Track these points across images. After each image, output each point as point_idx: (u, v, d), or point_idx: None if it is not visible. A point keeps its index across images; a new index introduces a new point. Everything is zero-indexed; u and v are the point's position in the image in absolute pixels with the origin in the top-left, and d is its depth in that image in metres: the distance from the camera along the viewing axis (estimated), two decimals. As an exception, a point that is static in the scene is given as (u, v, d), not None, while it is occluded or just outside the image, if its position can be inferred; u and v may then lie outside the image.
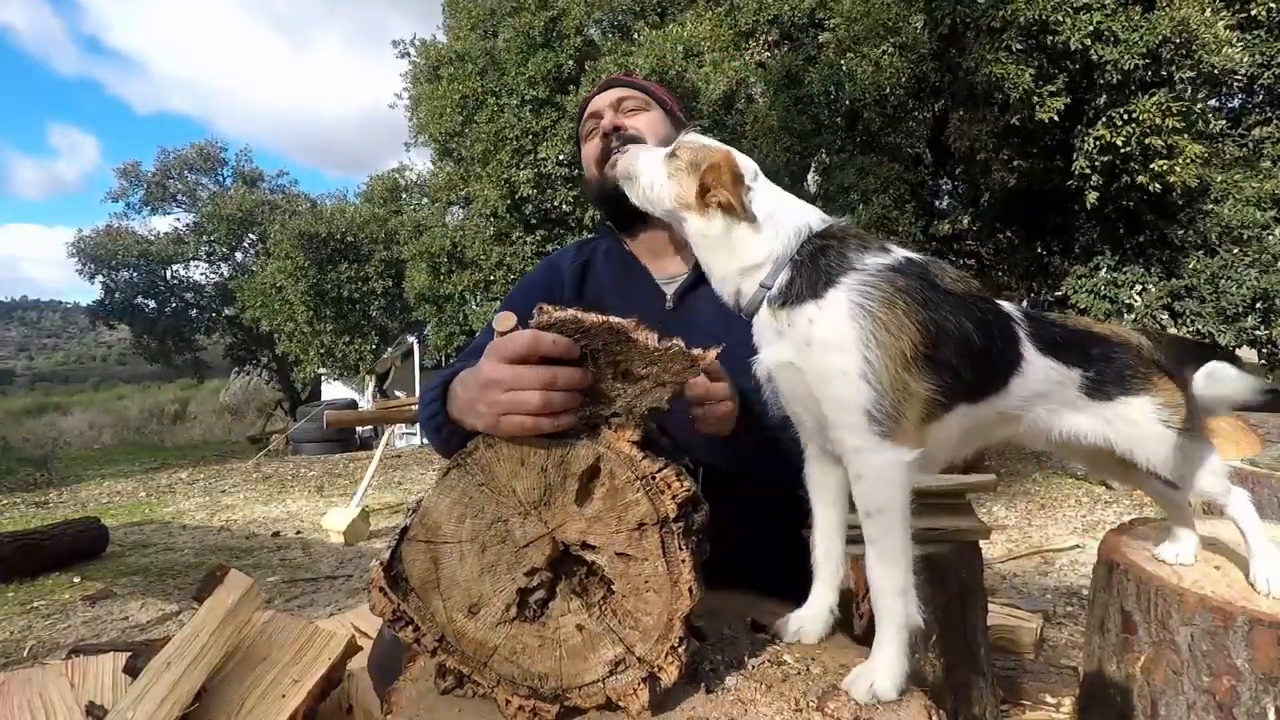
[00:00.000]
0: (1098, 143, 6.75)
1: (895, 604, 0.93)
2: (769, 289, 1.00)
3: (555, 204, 9.63)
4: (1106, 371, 1.10)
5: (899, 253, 1.00)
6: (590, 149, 1.54)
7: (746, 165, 1.07)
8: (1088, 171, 6.93)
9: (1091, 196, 7.02)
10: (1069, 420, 1.10)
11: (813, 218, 1.04)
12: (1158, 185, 6.65)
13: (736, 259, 1.04)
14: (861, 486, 0.94)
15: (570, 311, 0.84)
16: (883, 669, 0.91)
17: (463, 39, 10.66)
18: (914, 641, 0.94)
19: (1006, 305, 1.08)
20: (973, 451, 1.12)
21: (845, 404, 0.92)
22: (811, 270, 0.97)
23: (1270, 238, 7.11)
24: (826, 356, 0.93)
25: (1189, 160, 6.43)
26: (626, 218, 1.44)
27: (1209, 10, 6.37)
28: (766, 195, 1.05)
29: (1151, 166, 6.58)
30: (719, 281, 1.07)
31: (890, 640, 0.92)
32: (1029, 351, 1.05)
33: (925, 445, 0.95)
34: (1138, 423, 1.11)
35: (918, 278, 0.97)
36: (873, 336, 0.91)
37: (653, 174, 1.10)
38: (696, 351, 0.85)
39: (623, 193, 1.16)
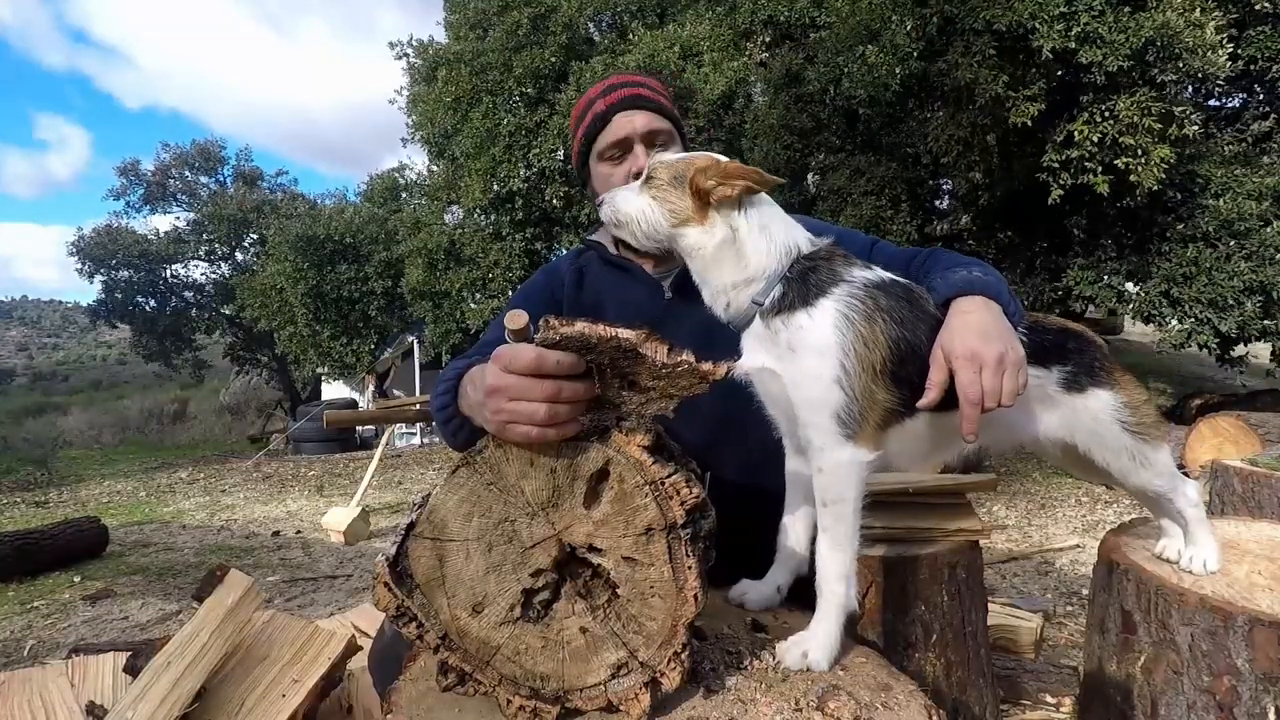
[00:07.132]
0: (1069, 138, 6.69)
1: (839, 587, 1.00)
2: (760, 305, 1.04)
3: (549, 200, 9.62)
4: (1081, 363, 1.14)
5: (883, 273, 1.06)
6: (616, 179, 1.41)
7: None
8: (1055, 166, 6.88)
9: (1055, 193, 6.95)
10: (1039, 419, 1.14)
11: (801, 238, 1.07)
12: (1108, 188, 6.59)
13: (739, 268, 1.05)
14: (821, 479, 1.00)
15: (577, 327, 0.81)
16: (818, 642, 0.97)
17: (462, 38, 10.68)
18: (849, 623, 1.01)
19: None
20: (955, 453, 1.15)
21: (817, 406, 0.98)
22: (801, 285, 1.02)
23: (1268, 230, 7.09)
24: (807, 361, 0.99)
25: (1153, 164, 6.38)
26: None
27: (1199, 10, 6.32)
28: (760, 208, 1.07)
29: (1115, 164, 6.52)
30: (713, 294, 1.09)
31: (830, 617, 0.99)
32: None
33: (883, 448, 1.02)
34: (1098, 416, 1.14)
35: (900, 299, 1.04)
36: (852, 347, 0.97)
37: (639, 209, 1.09)
38: (706, 367, 0.82)
39: None
